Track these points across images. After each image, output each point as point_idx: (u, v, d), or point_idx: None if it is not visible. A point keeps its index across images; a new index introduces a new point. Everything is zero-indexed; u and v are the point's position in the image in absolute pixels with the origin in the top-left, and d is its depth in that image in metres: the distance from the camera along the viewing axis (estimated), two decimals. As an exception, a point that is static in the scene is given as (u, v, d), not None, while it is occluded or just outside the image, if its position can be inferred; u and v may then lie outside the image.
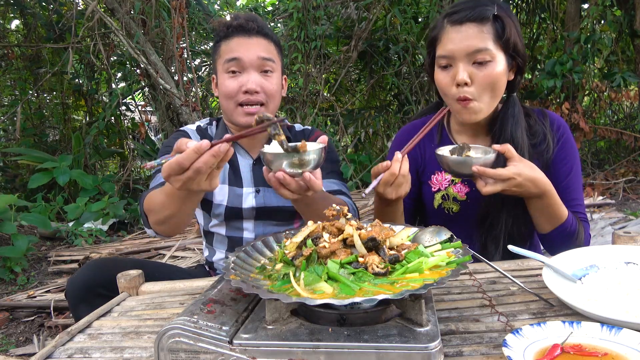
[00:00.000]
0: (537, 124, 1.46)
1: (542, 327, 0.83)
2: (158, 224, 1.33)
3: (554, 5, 5.42)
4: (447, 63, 1.34)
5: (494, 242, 1.45)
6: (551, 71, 4.68)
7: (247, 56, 1.52)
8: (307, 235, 0.95)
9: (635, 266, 1.06)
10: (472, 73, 1.30)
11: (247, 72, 1.53)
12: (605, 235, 3.35)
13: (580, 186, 1.48)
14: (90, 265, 1.48)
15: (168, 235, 1.44)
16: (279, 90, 1.60)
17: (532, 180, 1.24)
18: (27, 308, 3.02)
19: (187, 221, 1.39)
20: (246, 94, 1.52)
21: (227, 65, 1.53)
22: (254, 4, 7.05)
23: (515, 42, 1.33)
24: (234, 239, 1.67)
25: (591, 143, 5.94)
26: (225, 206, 1.63)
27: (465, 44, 1.30)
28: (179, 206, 1.23)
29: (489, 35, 1.30)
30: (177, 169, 0.99)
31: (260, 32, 1.55)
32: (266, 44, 1.56)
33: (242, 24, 1.54)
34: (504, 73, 1.33)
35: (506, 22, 1.31)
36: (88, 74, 6.35)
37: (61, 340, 1.00)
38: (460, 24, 1.31)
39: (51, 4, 5.82)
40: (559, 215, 1.33)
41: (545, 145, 1.43)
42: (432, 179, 1.54)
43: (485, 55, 1.29)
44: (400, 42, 5.61)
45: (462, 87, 1.31)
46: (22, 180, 5.80)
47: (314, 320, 0.84)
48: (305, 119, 5.33)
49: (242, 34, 1.54)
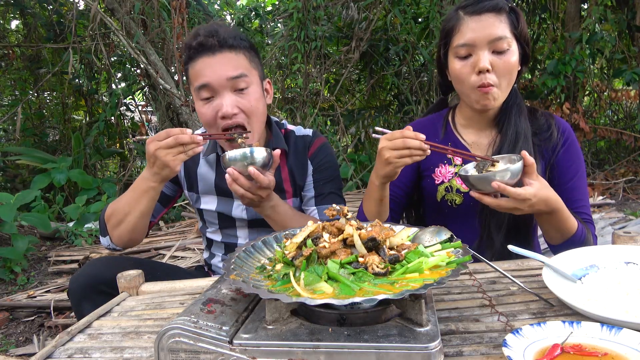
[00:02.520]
0: (542, 117, 1.51)
1: (542, 327, 0.83)
2: (115, 227, 1.50)
3: (554, 5, 5.42)
4: (468, 52, 1.38)
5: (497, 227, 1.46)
6: (554, 71, 4.67)
7: (216, 79, 1.43)
8: (307, 235, 0.95)
9: (635, 266, 1.06)
10: (492, 61, 1.36)
11: (219, 95, 1.45)
12: (605, 235, 3.34)
13: (586, 189, 1.49)
14: (92, 264, 1.50)
15: (122, 244, 1.54)
16: (259, 103, 1.51)
17: (545, 200, 1.24)
18: (27, 308, 3.02)
19: (140, 227, 1.50)
20: (224, 118, 1.45)
21: (199, 93, 1.46)
22: (254, 4, 7.05)
23: (526, 34, 1.40)
24: (230, 244, 1.71)
25: (591, 143, 5.94)
26: (216, 212, 1.67)
27: (486, 32, 1.35)
28: (136, 198, 1.43)
29: (506, 25, 1.37)
30: (163, 134, 1.32)
31: (225, 46, 1.44)
32: (233, 58, 1.45)
33: (202, 42, 1.43)
34: (517, 62, 1.40)
35: (519, 14, 1.39)
36: (88, 74, 6.35)
37: (61, 340, 1.00)
38: (480, 14, 1.37)
39: (51, 4, 5.82)
40: (568, 229, 1.34)
41: (549, 134, 1.46)
42: (436, 171, 1.55)
43: (504, 44, 1.35)
44: (401, 42, 5.62)
45: (483, 74, 1.36)
46: (22, 180, 5.80)
47: (314, 320, 0.84)
48: (306, 119, 5.33)
49: (205, 53, 1.43)
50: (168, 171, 1.35)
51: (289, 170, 1.64)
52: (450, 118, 1.60)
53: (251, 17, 6.62)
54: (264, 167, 1.35)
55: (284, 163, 1.64)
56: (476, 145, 1.54)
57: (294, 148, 1.66)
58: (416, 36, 5.40)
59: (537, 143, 1.47)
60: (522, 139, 1.42)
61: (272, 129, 1.64)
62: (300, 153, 1.65)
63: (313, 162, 1.66)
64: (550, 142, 1.47)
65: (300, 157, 1.65)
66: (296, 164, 1.65)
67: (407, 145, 1.22)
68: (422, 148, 1.23)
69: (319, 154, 1.66)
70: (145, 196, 1.43)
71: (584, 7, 5.50)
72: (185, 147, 1.32)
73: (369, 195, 1.42)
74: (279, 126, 1.68)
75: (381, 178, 1.32)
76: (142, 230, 1.54)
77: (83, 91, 6.51)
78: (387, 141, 1.25)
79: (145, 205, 1.45)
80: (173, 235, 4.25)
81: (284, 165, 1.64)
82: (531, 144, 1.44)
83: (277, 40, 5.84)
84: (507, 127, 1.45)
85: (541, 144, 1.47)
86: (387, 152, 1.25)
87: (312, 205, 1.66)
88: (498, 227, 1.45)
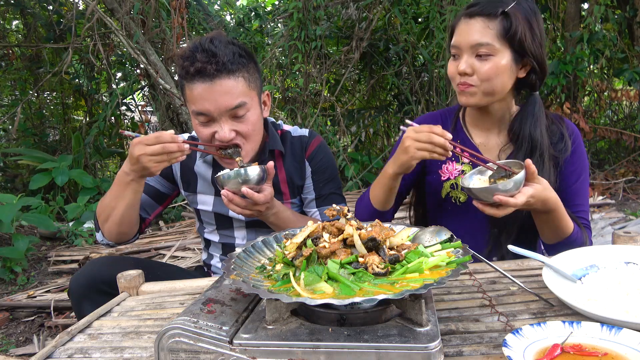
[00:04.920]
0: (554, 124, 1.50)
1: (542, 327, 0.83)
2: (104, 221, 1.52)
3: (554, 5, 5.42)
4: (455, 53, 1.41)
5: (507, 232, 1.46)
6: (554, 71, 4.68)
7: (214, 109, 1.40)
8: (307, 235, 0.95)
9: (635, 266, 1.06)
10: (473, 64, 1.36)
11: (217, 122, 1.43)
12: (605, 235, 3.34)
13: (587, 193, 1.49)
14: (92, 263, 1.51)
15: (113, 238, 1.56)
16: (257, 124, 1.50)
17: (544, 201, 1.24)
18: (27, 308, 3.02)
19: (128, 220, 1.51)
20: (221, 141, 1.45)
21: (196, 116, 1.44)
22: (254, 4, 7.04)
23: (522, 40, 1.35)
24: (227, 245, 1.71)
25: (591, 143, 5.94)
26: (213, 213, 1.67)
27: (469, 37, 1.36)
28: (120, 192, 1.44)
29: (493, 31, 1.35)
30: (151, 139, 1.30)
31: (223, 71, 1.38)
32: (232, 85, 1.40)
33: (201, 69, 1.37)
34: (506, 68, 1.37)
35: (515, 19, 1.34)
36: (88, 74, 6.35)
37: (61, 340, 1.00)
38: (470, 17, 1.37)
39: (51, 4, 5.82)
40: (564, 229, 1.34)
41: (563, 145, 1.46)
42: (443, 167, 1.56)
43: (485, 49, 1.34)
44: (401, 42, 5.61)
45: (462, 76, 1.38)
46: (22, 180, 5.80)
47: (314, 320, 0.84)
48: (306, 120, 5.33)
49: (204, 78, 1.38)
50: (147, 173, 1.37)
51: (286, 171, 1.64)
52: (461, 115, 1.60)
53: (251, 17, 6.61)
54: (259, 183, 1.37)
55: (280, 164, 1.63)
56: (484, 146, 1.54)
57: (291, 149, 1.65)
58: (416, 36, 5.40)
59: (554, 154, 1.44)
60: (537, 153, 1.41)
61: (268, 130, 1.63)
62: (297, 154, 1.65)
63: (311, 163, 1.66)
64: (565, 153, 1.45)
65: (297, 158, 1.65)
66: (293, 164, 1.64)
67: (431, 140, 1.24)
68: (446, 147, 1.24)
69: (317, 154, 1.66)
70: (128, 189, 1.42)
71: (584, 6, 5.49)
72: (169, 156, 1.32)
73: (380, 182, 1.43)
74: (275, 127, 1.67)
75: (396, 167, 1.33)
76: (130, 223, 1.52)
77: (83, 91, 6.51)
78: (414, 132, 1.27)
79: (129, 198, 1.44)
80: (173, 235, 4.24)
81: (280, 167, 1.63)
82: (547, 157, 1.41)
83: (277, 40, 5.83)
84: (521, 139, 1.43)
85: (557, 154, 1.45)
86: (409, 142, 1.27)
87: (313, 207, 1.66)
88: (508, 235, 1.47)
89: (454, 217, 1.54)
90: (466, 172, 1.53)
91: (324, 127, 5.49)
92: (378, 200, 1.45)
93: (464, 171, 1.53)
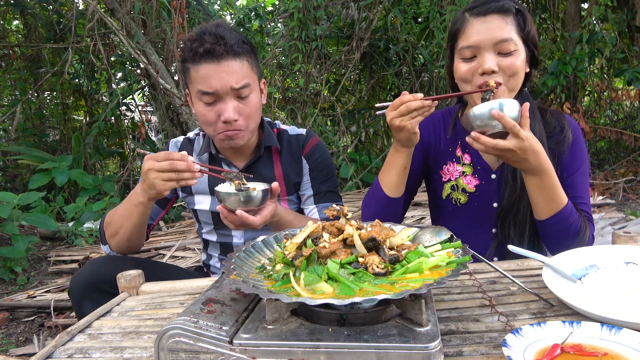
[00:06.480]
0: (553, 117, 1.49)
1: (542, 327, 0.83)
2: (112, 236, 1.54)
3: (554, 5, 5.42)
4: (473, 54, 1.37)
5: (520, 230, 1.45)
6: (554, 71, 4.68)
7: (221, 88, 1.45)
8: (307, 235, 0.95)
9: (635, 266, 1.06)
10: (498, 62, 1.35)
11: (223, 101, 1.47)
12: (605, 235, 3.34)
13: (587, 186, 1.47)
14: (93, 263, 1.52)
15: (121, 252, 1.60)
16: (258, 107, 1.56)
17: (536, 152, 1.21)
18: (27, 308, 3.02)
19: (135, 237, 1.54)
20: (225, 123, 1.49)
21: (201, 96, 1.48)
22: (254, 4, 7.04)
23: (534, 36, 1.38)
24: (225, 244, 1.73)
25: (591, 143, 5.94)
26: (210, 212, 1.69)
27: (492, 34, 1.34)
28: (129, 211, 1.46)
29: (512, 26, 1.35)
30: (161, 155, 1.32)
31: (230, 53, 1.44)
32: (238, 67, 1.46)
33: (209, 49, 1.42)
34: (524, 65, 1.38)
35: (527, 16, 1.37)
36: (88, 74, 6.35)
37: (61, 340, 1.00)
38: (485, 15, 1.36)
39: (51, 4, 5.82)
40: (557, 199, 1.30)
41: (564, 136, 1.45)
42: (444, 169, 1.56)
43: (509, 45, 1.34)
44: (401, 42, 5.62)
45: (488, 75, 1.34)
46: (22, 180, 5.80)
47: (314, 320, 0.84)
48: (306, 120, 5.33)
49: (211, 59, 1.43)
50: (154, 193, 1.35)
51: (282, 168, 1.67)
52: (460, 115, 1.60)
53: (251, 17, 6.61)
54: (259, 203, 1.35)
55: (277, 161, 1.67)
56: None
57: (288, 147, 1.69)
58: (416, 36, 5.40)
59: (552, 146, 1.43)
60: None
61: (264, 128, 1.68)
62: (295, 152, 1.69)
63: (309, 162, 1.69)
64: (564, 145, 1.44)
65: (294, 156, 1.68)
66: (290, 162, 1.68)
67: (411, 109, 1.26)
68: (424, 105, 1.26)
69: (314, 153, 1.69)
70: (136, 211, 1.45)
71: (584, 7, 5.49)
72: (178, 175, 1.32)
73: (390, 165, 1.42)
74: (271, 125, 1.72)
75: (402, 144, 1.35)
76: (138, 239, 1.57)
77: (83, 91, 6.51)
78: (392, 111, 1.29)
79: (136, 219, 1.47)
80: (173, 235, 4.25)
81: (277, 163, 1.67)
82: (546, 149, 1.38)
83: (277, 40, 5.83)
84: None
85: (556, 147, 1.44)
86: (397, 121, 1.28)
87: (310, 204, 1.69)
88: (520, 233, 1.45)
89: (454, 218, 1.54)
90: (467, 173, 1.52)
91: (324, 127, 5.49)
92: (391, 183, 1.42)
93: (464, 172, 1.53)
